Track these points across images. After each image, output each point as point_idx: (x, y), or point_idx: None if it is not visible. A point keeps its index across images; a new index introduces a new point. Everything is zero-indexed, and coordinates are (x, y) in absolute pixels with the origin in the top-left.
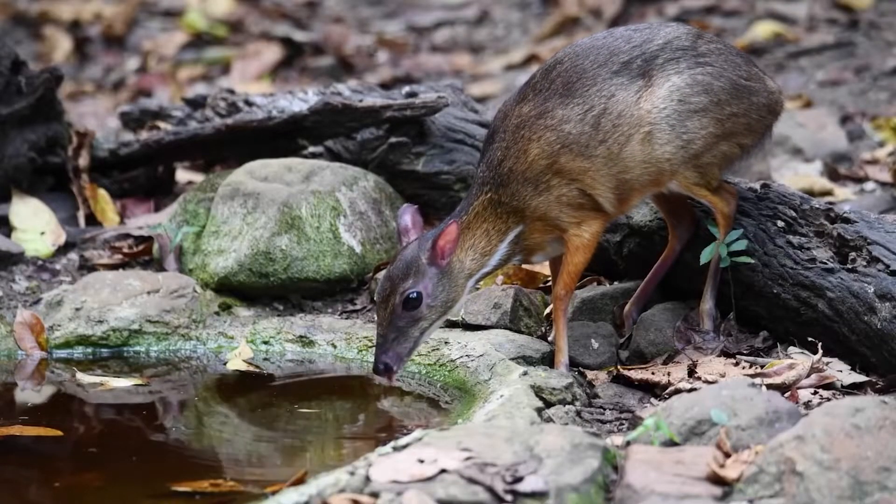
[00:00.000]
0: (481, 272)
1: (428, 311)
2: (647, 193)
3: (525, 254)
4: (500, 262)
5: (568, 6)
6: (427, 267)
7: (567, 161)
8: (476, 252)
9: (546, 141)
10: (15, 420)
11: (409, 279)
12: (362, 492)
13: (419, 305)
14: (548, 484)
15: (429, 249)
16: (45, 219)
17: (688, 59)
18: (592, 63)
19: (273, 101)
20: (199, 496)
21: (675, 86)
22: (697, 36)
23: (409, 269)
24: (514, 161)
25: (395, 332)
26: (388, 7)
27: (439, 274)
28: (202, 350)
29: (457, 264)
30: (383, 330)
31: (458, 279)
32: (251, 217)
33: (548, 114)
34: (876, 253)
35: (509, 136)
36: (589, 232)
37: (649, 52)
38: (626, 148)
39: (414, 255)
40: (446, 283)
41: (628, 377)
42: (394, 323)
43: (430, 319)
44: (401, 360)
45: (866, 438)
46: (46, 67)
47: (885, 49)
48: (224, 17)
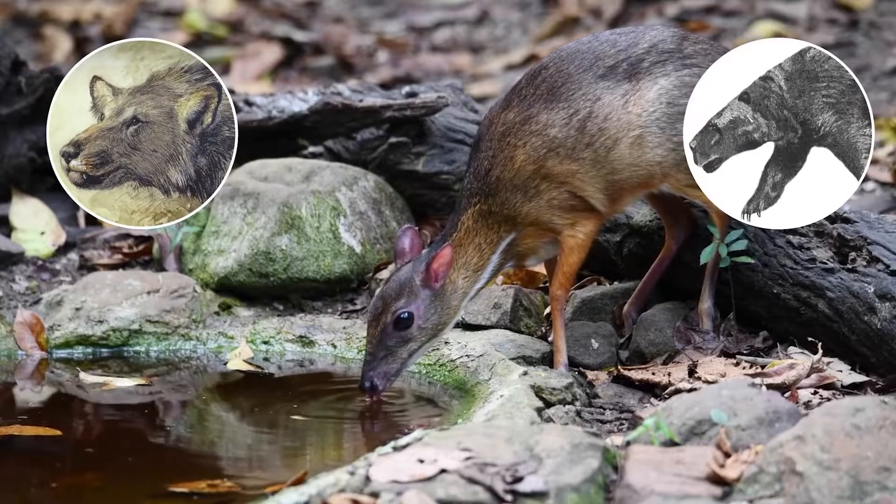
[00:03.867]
0: (475, 289)
1: (418, 332)
2: (639, 194)
3: (518, 259)
4: (493, 274)
5: (568, 6)
6: (420, 289)
7: (554, 165)
8: (468, 269)
9: (532, 146)
10: (14, 420)
11: (401, 299)
12: (362, 492)
13: (410, 326)
14: (548, 484)
15: (423, 272)
16: (45, 219)
17: (674, 62)
18: (577, 67)
19: (273, 101)
20: (197, 496)
21: (663, 88)
22: (683, 38)
23: (402, 290)
24: (502, 169)
25: (385, 350)
26: (388, 7)
27: (432, 296)
28: (202, 350)
29: (449, 286)
30: (372, 348)
31: (452, 301)
32: (251, 217)
33: (532, 119)
34: (876, 253)
35: (495, 143)
36: (583, 232)
37: (635, 56)
38: (614, 151)
39: (408, 276)
40: (439, 305)
41: (628, 377)
42: (383, 342)
43: (419, 341)
44: (387, 379)
45: (866, 438)
46: (46, 67)
47: (885, 49)
48: (224, 17)
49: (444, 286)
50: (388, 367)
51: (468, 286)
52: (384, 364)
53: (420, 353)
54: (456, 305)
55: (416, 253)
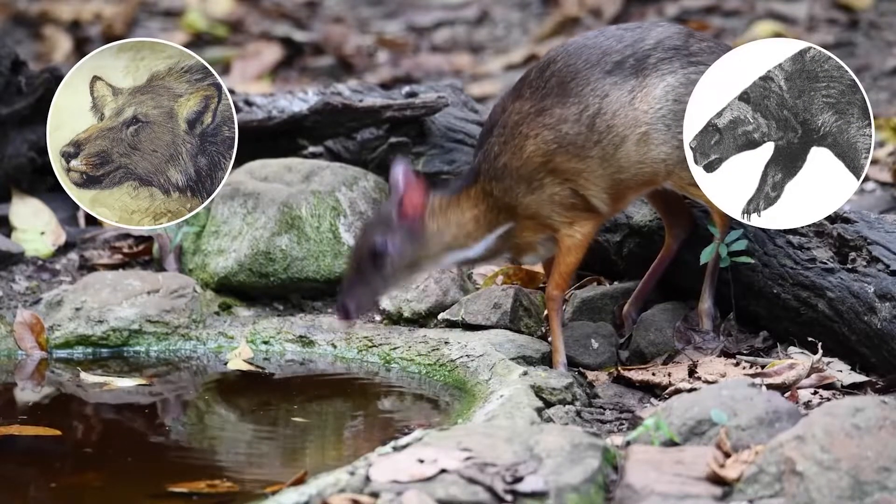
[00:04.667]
0: (463, 254)
1: (392, 265)
2: (642, 192)
3: (515, 252)
4: (486, 254)
5: (568, 6)
6: (398, 224)
7: (562, 161)
8: (460, 230)
9: (542, 139)
10: (14, 420)
11: (378, 230)
12: (362, 492)
13: (384, 257)
14: (548, 484)
15: (396, 205)
16: (45, 219)
17: (681, 59)
18: (585, 63)
19: (273, 101)
20: (196, 497)
21: (669, 86)
22: (689, 35)
23: (380, 221)
24: (510, 157)
25: (359, 278)
26: (388, 7)
27: (409, 232)
28: (202, 350)
29: (433, 231)
30: (349, 275)
31: (430, 246)
32: (251, 217)
33: (546, 112)
34: (876, 253)
35: (507, 131)
36: (581, 232)
37: (641, 52)
38: (622, 149)
39: (388, 210)
40: (417, 245)
41: (628, 377)
42: (359, 270)
43: (392, 273)
44: (360, 307)
45: (866, 438)
46: (46, 67)
47: (885, 49)
48: (224, 17)
49: (425, 228)
50: (361, 295)
51: (453, 244)
52: (358, 292)
53: (393, 285)
54: (435, 253)
55: (408, 187)
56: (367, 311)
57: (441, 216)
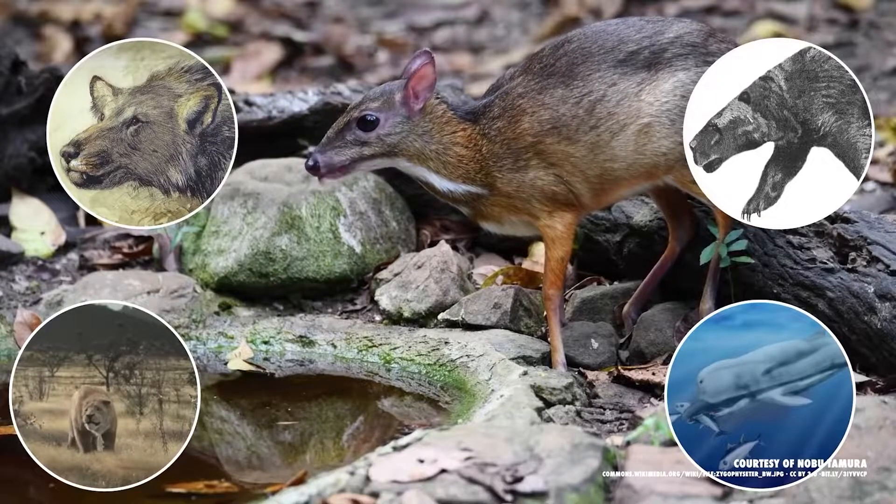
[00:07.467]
0: (429, 177)
1: (376, 140)
2: (634, 186)
3: (475, 214)
4: (448, 197)
5: (568, 6)
6: (399, 105)
7: (552, 143)
8: (440, 153)
9: (538, 118)
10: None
11: (376, 102)
12: (362, 492)
13: (371, 130)
14: (548, 484)
15: (402, 88)
16: (45, 219)
17: (696, 57)
18: (600, 48)
19: (273, 101)
20: (195, 497)
21: (679, 81)
22: (709, 34)
23: (381, 96)
24: (506, 123)
25: (340, 141)
26: (388, 7)
27: (406, 117)
28: (202, 350)
29: (422, 131)
30: (333, 132)
31: (412, 143)
32: (251, 217)
33: (548, 91)
34: (876, 253)
35: (509, 101)
36: (562, 223)
37: (658, 45)
38: (619, 137)
39: (393, 88)
40: (405, 131)
41: (628, 377)
42: (344, 132)
43: (372, 150)
44: (329, 168)
45: (866, 438)
46: (46, 67)
47: (885, 49)
48: (224, 17)
49: (420, 120)
50: (335, 157)
51: (428, 160)
52: (334, 152)
53: (367, 163)
54: (416, 149)
55: (418, 75)
56: (330, 174)
57: (436, 124)
